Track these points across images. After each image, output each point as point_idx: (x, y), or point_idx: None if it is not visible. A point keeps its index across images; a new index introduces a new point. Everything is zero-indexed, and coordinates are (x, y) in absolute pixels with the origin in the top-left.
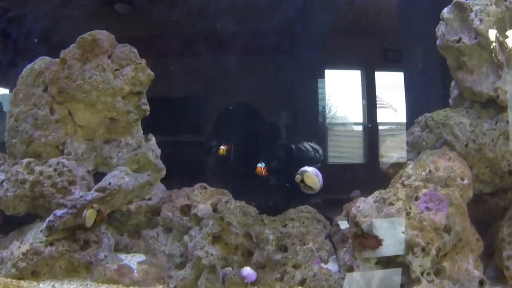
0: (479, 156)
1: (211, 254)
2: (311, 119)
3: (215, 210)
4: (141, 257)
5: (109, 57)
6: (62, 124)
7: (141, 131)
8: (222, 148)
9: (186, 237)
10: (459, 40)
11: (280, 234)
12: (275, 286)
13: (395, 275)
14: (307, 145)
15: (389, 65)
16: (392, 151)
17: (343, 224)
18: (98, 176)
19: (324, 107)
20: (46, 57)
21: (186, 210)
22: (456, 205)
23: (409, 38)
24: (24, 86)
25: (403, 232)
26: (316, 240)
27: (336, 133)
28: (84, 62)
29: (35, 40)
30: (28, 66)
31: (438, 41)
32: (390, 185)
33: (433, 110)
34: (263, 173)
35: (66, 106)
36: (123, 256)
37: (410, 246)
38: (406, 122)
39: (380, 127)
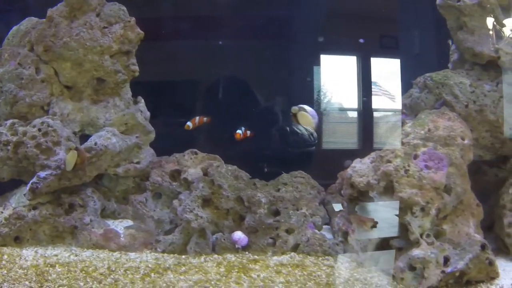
0: (480, 118)
1: (201, 217)
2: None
3: (206, 174)
4: (128, 222)
5: (97, 15)
6: (48, 84)
7: (129, 93)
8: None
9: (175, 202)
10: None
11: (273, 198)
12: (267, 251)
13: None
14: (302, 128)
15: (385, 52)
16: (387, 137)
17: (337, 207)
18: (84, 138)
19: (319, 93)
20: (33, 18)
21: (176, 175)
22: (457, 165)
23: (405, 24)
24: (10, 46)
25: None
26: (309, 205)
27: (331, 119)
28: (71, 20)
29: None
30: (15, 27)
31: (438, 0)
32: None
33: None
34: (242, 137)
35: (52, 65)
36: (110, 222)
37: (408, 206)
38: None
39: (375, 113)
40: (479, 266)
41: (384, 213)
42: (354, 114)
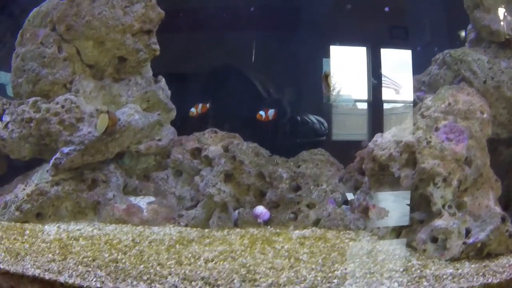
0: (497, 94)
1: (223, 192)
2: (316, 96)
3: (226, 151)
4: (150, 199)
5: None
6: (70, 63)
7: (150, 72)
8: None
9: (196, 178)
10: None
11: (294, 174)
12: (289, 226)
13: None
14: (313, 117)
15: (395, 42)
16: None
17: (349, 196)
18: None
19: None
20: None
21: (196, 153)
22: (476, 138)
23: (416, 13)
24: (31, 27)
25: None
26: (329, 182)
27: (341, 110)
28: (93, 0)
29: None
30: (35, 9)
31: None
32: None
33: None
34: (264, 118)
35: (74, 44)
36: (131, 198)
37: (431, 176)
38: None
39: (385, 105)
40: (500, 238)
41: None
42: (364, 106)
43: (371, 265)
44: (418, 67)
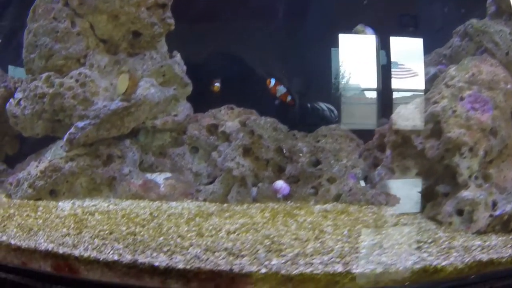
0: None
1: (242, 166)
2: (324, 85)
3: (244, 126)
4: (167, 175)
5: None
6: (84, 37)
7: (165, 47)
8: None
9: (214, 153)
10: None
11: (314, 148)
12: (309, 200)
13: None
14: (323, 105)
15: (405, 29)
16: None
17: (361, 183)
18: None
19: (337, 74)
20: None
21: (212, 129)
22: (501, 108)
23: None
24: (43, 3)
25: None
26: (349, 157)
27: (349, 99)
28: None
29: None
30: None
31: None
32: (433, 87)
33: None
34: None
35: (87, 19)
36: (147, 174)
37: (457, 146)
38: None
39: (394, 93)
40: None
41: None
42: (373, 95)
43: (398, 237)
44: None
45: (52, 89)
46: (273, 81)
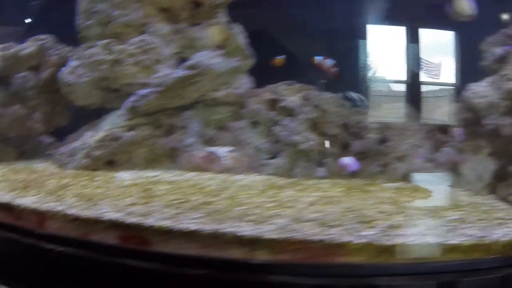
0: None
1: (310, 140)
2: (353, 75)
3: (307, 101)
4: (229, 148)
5: None
6: (143, 5)
7: (226, 17)
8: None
9: (277, 128)
10: None
11: (380, 125)
12: (377, 178)
13: None
14: (354, 94)
15: (436, 20)
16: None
17: None
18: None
19: (365, 65)
20: None
21: (273, 104)
22: None
23: None
24: None
25: None
26: (415, 137)
27: (377, 92)
28: None
29: None
30: None
31: None
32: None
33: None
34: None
35: None
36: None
37: None
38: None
39: (424, 87)
40: None
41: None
42: (401, 87)
43: (478, 213)
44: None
45: (112, 56)
46: (318, 58)
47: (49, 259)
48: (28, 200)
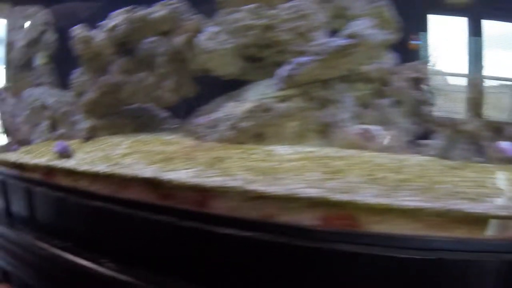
0: None
1: (472, 121)
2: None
3: None
4: (376, 127)
5: None
6: None
7: None
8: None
9: (426, 108)
10: None
11: None
12: None
13: None
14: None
15: (500, 12)
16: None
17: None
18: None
19: (426, 57)
20: None
21: (417, 83)
22: None
23: None
24: None
25: None
26: None
27: (436, 84)
28: None
29: None
30: None
31: None
32: None
33: None
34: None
35: None
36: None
37: None
38: None
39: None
40: None
41: None
42: (462, 81)
43: None
44: None
45: (262, 21)
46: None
47: (223, 246)
48: (181, 174)
